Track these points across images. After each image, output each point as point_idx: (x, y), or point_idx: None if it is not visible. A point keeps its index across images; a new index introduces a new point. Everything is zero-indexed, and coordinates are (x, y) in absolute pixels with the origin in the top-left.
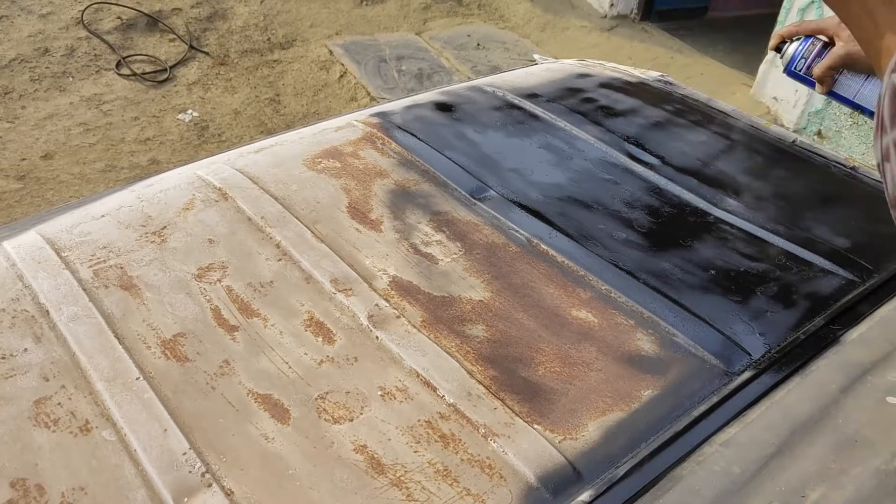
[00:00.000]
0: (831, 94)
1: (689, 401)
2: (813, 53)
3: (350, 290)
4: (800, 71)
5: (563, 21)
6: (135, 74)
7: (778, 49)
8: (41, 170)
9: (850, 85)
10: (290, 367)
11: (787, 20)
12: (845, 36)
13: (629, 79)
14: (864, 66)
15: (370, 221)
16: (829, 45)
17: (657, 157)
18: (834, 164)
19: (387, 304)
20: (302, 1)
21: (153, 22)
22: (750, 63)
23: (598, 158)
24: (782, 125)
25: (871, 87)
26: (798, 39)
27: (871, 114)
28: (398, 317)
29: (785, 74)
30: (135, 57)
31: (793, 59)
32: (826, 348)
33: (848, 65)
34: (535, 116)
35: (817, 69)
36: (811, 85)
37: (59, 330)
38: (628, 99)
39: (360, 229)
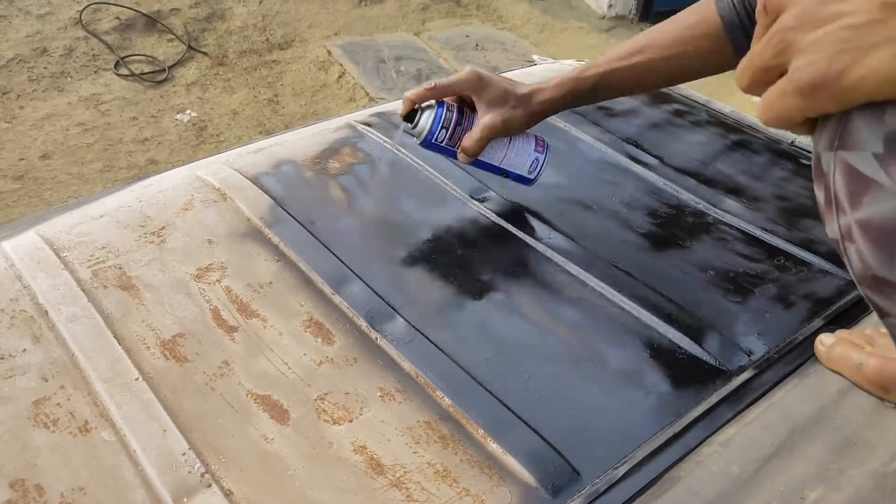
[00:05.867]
0: (475, 162)
1: (687, 401)
2: (453, 122)
3: (349, 290)
4: (441, 142)
5: (561, 22)
6: (133, 74)
7: (409, 118)
8: (39, 170)
9: (495, 152)
10: (289, 368)
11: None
12: (488, 98)
13: None
14: (512, 133)
15: (368, 222)
16: (462, 108)
17: (656, 157)
18: None
19: (386, 305)
20: (300, 1)
21: (151, 22)
22: None
23: (597, 159)
24: None
25: (516, 152)
26: (431, 106)
27: (516, 177)
28: (397, 317)
29: (421, 146)
30: (133, 57)
31: (431, 132)
32: None
33: (500, 134)
34: None
35: (469, 142)
36: (452, 154)
37: (58, 330)
38: (627, 99)
39: (360, 230)
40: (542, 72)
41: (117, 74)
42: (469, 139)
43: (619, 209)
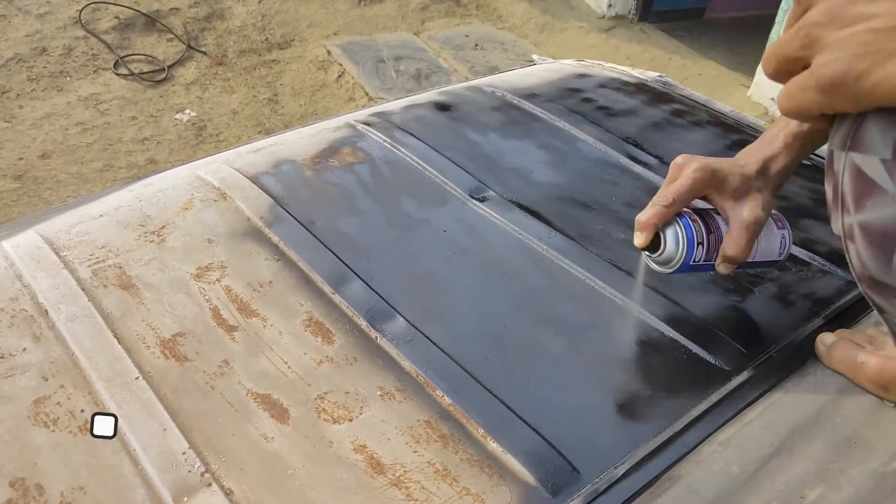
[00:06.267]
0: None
1: (687, 401)
2: (705, 233)
3: (349, 289)
4: (699, 261)
5: (561, 22)
6: (132, 74)
7: (653, 245)
8: (38, 169)
9: None
10: (289, 367)
11: (784, 21)
12: (730, 191)
13: (628, 79)
14: (768, 215)
15: (368, 221)
16: (701, 213)
17: (656, 157)
18: None
19: (385, 304)
20: (300, 1)
21: (151, 22)
22: (748, 64)
23: (597, 158)
24: None
25: (766, 239)
26: (671, 223)
27: (765, 265)
28: (397, 316)
29: (670, 274)
30: (132, 57)
31: (689, 251)
32: None
33: (764, 224)
34: (534, 116)
35: (736, 250)
36: (709, 268)
37: (58, 329)
38: (627, 99)
39: (359, 229)
40: (542, 71)
41: (116, 74)
42: (734, 246)
43: (619, 209)
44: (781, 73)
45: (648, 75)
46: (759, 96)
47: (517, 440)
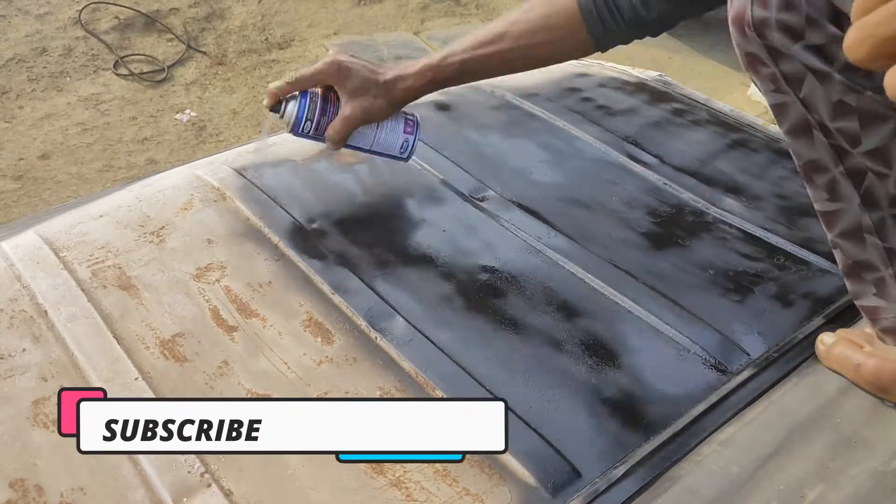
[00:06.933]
0: (347, 146)
1: (687, 400)
2: (317, 112)
3: (348, 290)
4: (308, 133)
5: None
6: (132, 74)
7: (275, 109)
8: (38, 169)
9: (364, 137)
10: (289, 368)
11: None
12: (349, 88)
13: (628, 78)
14: (375, 120)
15: (368, 221)
16: (328, 95)
17: (655, 156)
18: None
19: (385, 304)
20: (300, 1)
21: (151, 22)
22: None
23: (596, 158)
24: None
25: (385, 135)
26: (295, 97)
27: (389, 157)
28: (397, 317)
29: (292, 134)
30: (132, 57)
31: (298, 121)
32: None
33: (362, 123)
34: (533, 116)
35: (332, 132)
36: (322, 140)
37: (58, 330)
38: (627, 98)
39: (359, 229)
40: (542, 71)
41: (116, 74)
42: (332, 129)
43: (619, 208)
44: (880, 57)
45: (648, 75)
46: (759, 95)
47: (517, 440)
